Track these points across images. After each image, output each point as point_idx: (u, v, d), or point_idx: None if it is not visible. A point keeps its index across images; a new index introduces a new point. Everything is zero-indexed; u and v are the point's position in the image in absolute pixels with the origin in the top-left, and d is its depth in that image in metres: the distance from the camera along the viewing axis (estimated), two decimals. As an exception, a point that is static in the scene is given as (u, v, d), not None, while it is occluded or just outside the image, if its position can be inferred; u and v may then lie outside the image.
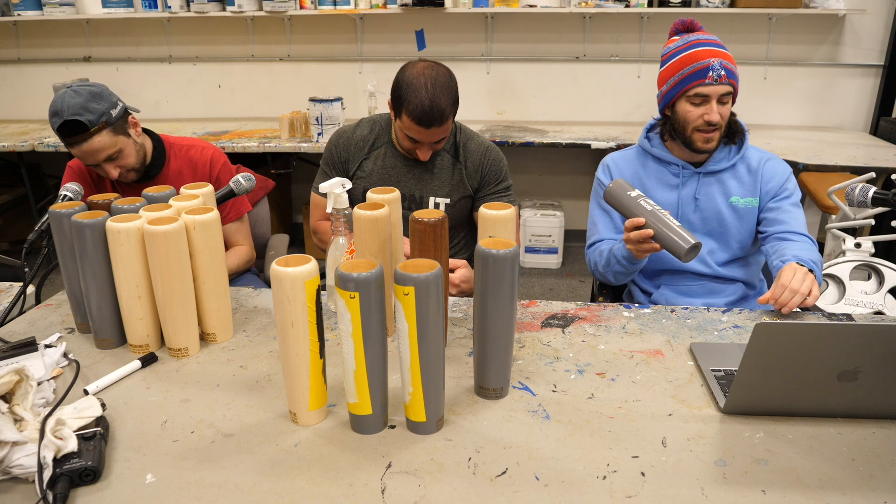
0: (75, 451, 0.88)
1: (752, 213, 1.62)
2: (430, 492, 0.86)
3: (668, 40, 1.61)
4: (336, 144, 1.80)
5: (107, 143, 1.60)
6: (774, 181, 1.61)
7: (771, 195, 1.61)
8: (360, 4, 3.61)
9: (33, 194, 3.68)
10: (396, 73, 1.61)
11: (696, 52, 1.51)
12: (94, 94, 1.59)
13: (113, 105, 1.62)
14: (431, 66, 1.59)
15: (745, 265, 1.68)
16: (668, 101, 1.58)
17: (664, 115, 1.63)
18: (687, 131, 1.56)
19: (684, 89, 1.52)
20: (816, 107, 3.75)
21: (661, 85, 1.59)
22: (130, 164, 1.69)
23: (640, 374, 1.14)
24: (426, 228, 1.09)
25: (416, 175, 1.76)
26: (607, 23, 3.72)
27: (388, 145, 1.77)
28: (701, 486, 0.87)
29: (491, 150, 1.79)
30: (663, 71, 1.58)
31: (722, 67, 1.50)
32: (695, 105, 1.53)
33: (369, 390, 0.95)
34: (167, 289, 1.14)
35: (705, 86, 1.50)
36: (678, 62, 1.54)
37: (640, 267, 1.56)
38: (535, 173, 4.08)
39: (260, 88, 4.03)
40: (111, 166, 1.65)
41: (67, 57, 4.05)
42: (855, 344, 0.92)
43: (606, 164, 1.72)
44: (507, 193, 1.80)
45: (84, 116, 1.55)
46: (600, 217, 1.70)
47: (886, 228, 2.29)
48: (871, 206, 1.76)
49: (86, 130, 1.56)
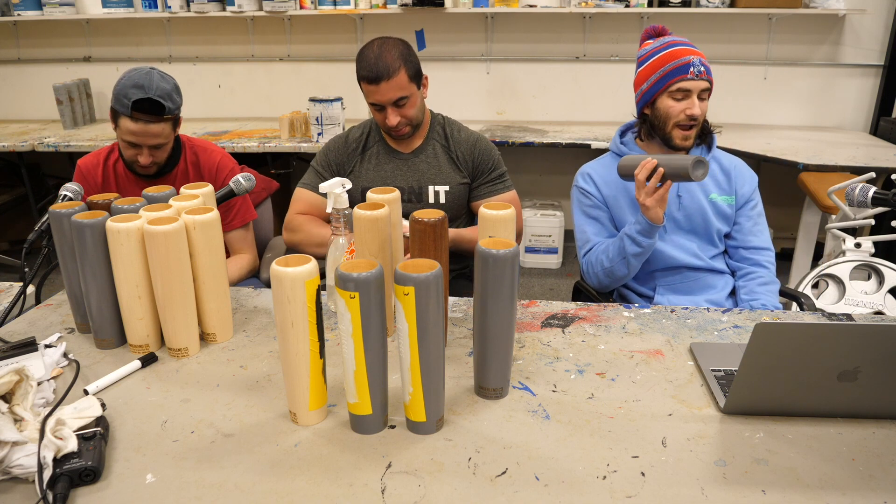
0: (75, 451, 0.88)
1: (730, 211, 1.68)
2: (430, 492, 0.86)
3: (642, 44, 1.67)
4: (331, 148, 1.84)
5: (165, 133, 1.70)
6: (747, 186, 1.70)
7: (745, 199, 1.69)
8: (360, 4, 3.61)
9: (33, 194, 3.68)
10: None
11: (676, 50, 1.58)
12: (177, 86, 1.72)
13: (181, 104, 1.74)
14: (384, 37, 1.67)
15: (725, 257, 1.74)
16: (648, 98, 1.62)
17: (642, 115, 1.67)
18: (667, 127, 1.60)
19: (667, 85, 1.57)
20: (816, 107, 3.75)
21: (641, 84, 1.64)
22: (161, 159, 1.77)
23: (640, 374, 1.14)
24: (426, 228, 1.09)
25: (410, 167, 1.78)
26: (607, 23, 3.72)
27: (379, 143, 1.81)
28: (701, 486, 0.87)
29: (481, 140, 1.82)
30: (642, 70, 1.63)
31: (701, 64, 1.57)
32: (676, 100, 1.58)
33: (369, 390, 0.95)
34: (167, 289, 1.14)
35: (687, 80, 1.56)
36: (658, 60, 1.59)
37: (655, 243, 1.57)
38: (535, 173, 4.08)
39: (260, 88, 4.04)
40: (149, 153, 1.71)
41: (67, 57, 4.05)
42: (855, 344, 0.92)
43: (586, 172, 1.74)
44: (502, 180, 1.82)
45: (167, 103, 1.65)
46: (589, 224, 1.72)
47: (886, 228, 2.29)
48: (871, 206, 1.76)
49: (161, 115, 1.65)
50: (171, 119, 1.70)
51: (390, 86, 1.63)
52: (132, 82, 1.63)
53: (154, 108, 1.63)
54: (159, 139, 1.69)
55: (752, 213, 1.69)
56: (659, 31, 1.66)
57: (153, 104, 1.63)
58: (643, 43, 1.67)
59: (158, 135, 1.68)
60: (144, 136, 1.67)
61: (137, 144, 1.69)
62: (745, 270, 1.68)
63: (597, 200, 1.71)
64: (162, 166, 1.78)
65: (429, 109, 1.83)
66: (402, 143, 1.80)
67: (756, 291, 1.63)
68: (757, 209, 1.70)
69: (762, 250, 1.68)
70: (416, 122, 1.73)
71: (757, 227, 1.69)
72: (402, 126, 1.71)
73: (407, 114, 1.69)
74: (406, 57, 1.65)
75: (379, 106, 1.68)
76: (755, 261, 1.68)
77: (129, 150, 1.71)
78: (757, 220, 1.70)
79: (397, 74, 1.62)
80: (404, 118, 1.69)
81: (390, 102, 1.66)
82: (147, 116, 1.64)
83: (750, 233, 1.68)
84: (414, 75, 1.67)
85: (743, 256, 1.69)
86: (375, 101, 1.67)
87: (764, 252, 1.68)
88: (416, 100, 1.70)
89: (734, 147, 3.08)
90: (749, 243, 1.68)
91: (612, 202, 1.70)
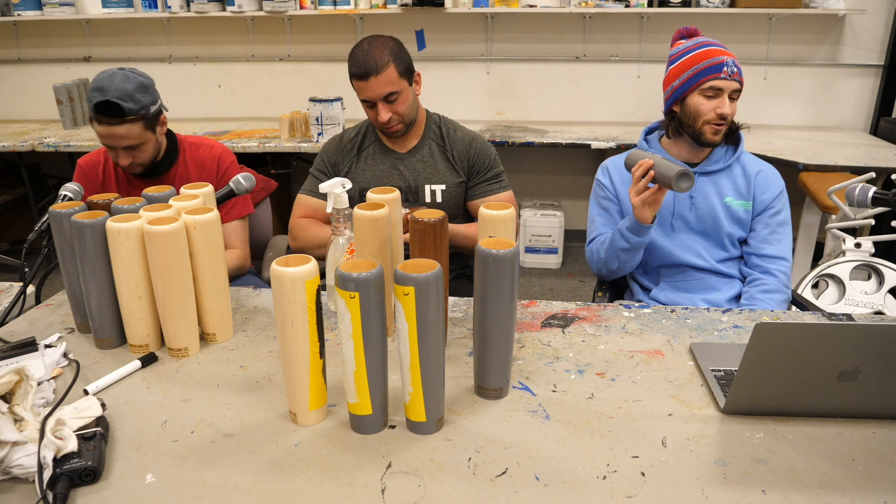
0: (75, 451, 0.88)
1: (746, 216, 1.66)
2: (430, 492, 0.86)
3: (675, 43, 1.66)
4: (327, 151, 1.84)
5: (134, 133, 1.66)
6: (769, 193, 1.66)
7: (765, 205, 1.65)
8: (360, 4, 3.61)
9: (33, 194, 3.68)
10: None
11: (709, 49, 1.57)
12: (143, 85, 1.65)
13: (154, 101, 1.69)
14: (375, 35, 1.68)
15: (740, 263, 1.71)
16: (679, 95, 1.61)
17: (671, 113, 1.66)
18: (697, 124, 1.59)
19: (699, 82, 1.56)
20: (816, 107, 3.75)
21: (672, 81, 1.62)
22: (143, 160, 1.73)
23: (640, 374, 1.14)
24: (426, 228, 1.09)
25: (407, 166, 1.78)
26: (607, 23, 3.72)
27: (375, 143, 1.81)
28: (701, 486, 0.87)
29: (477, 139, 1.81)
30: (674, 68, 1.62)
31: (734, 65, 1.56)
32: (708, 98, 1.57)
33: (369, 390, 0.95)
34: (167, 289, 1.14)
35: (720, 79, 1.55)
36: (692, 58, 1.58)
37: (645, 241, 1.57)
38: (535, 173, 4.08)
39: (260, 88, 4.03)
40: (126, 155, 1.69)
41: (67, 57, 4.05)
42: (855, 344, 0.92)
43: (606, 166, 1.76)
44: (498, 180, 1.82)
45: (126, 104, 1.61)
46: (599, 215, 1.74)
47: (886, 228, 2.29)
48: (871, 206, 1.76)
49: (121, 116, 1.61)
50: (136, 119, 1.64)
51: (379, 81, 1.63)
52: (95, 85, 1.61)
53: (113, 109, 1.60)
54: (129, 140, 1.65)
55: (771, 220, 1.65)
56: (692, 31, 1.65)
57: (112, 106, 1.59)
58: (675, 42, 1.66)
59: (126, 136, 1.64)
60: (112, 139, 1.64)
61: (111, 146, 1.67)
62: (753, 277, 1.65)
63: (609, 193, 1.73)
64: (156, 165, 1.77)
65: (424, 108, 1.83)
66: (397, 143, 1.80)
67: (756, 297, 1.60)
68: (778, 218, 1.65)
69: (776, 259, 1.63)
70: (408, 120, 1.72)
71: (774, 237, 1.64)
72: (394, 123, 1.70)
73: (398, 110, 1.68)
74: (396, 53, 1.65)
75: (370, 102, 1.68)
76: (765, 269, 1.64)
77: (109, 152, 1.71)
78: (776, 228, 1.65)
79: (386, 69, 1.62)
80: (396, 114, 1.69)
81: (380, 98, 1.65)
82: (108, 119, 1.61)
83: (765, 241, 1.65)
84: (404, 71, 1.67)
85: (755, 263, 1.66)
86: (366, 97, 1.67)
87: (777, 261, 1.63)
88: (407, 96, 1.69)
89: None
90: (762, 251, 1.64)
91: (624, 197, 1.71)
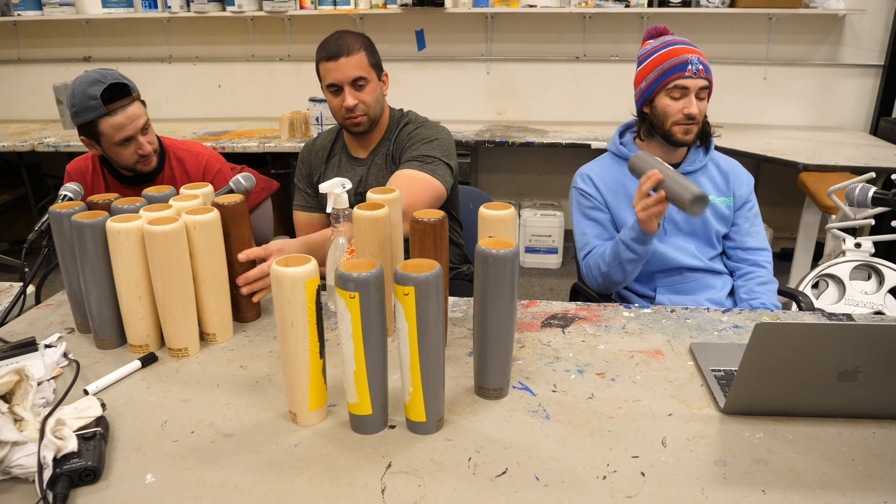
0: (75, 451, 0.88)
1: (728, 212, 1.69)
2: (430, 492, 0.86)
3: (643, 44, 1.67)
4: (301, 160, 1.85)
5: (142, 111, 1.70)
6: (745, 188, 1.70)
7: (742, 200, 1.70)
8: (360, 4, 3.61)
9: (33, 194, 3.68)
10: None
11: (674, 48, 1.58)
12: (120, 74, 1.71)
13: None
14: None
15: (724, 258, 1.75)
16: (647, 96, 1.62)
17: (641, 114, 1.67)
18: (666, 125, 1.60)
19: (665, 83, 1.57)
20: (816, 107, 3.75)
21: (640, 82, 1.64)
22: (156, 143, 1.76)
23: (640, 374, 1.14)
24: (426, 228, 1.09)
25: (361, 174, 1.76)
26: (607, 23, 3.72)
27: (342, 152, 1.81)
28: (701, 486, 0.87)
29: (421, 128, 1.73)
30: (641, 69, 1.64)
31: (700, 62, 1.56)
32: (674, 99, 1.57)
33: (369, 390, 0.95)
34: (167, 289, 1.14)
35: (685, 78, 1.55)
36: (657, 58, 1.59)
37: (650, 250, 1.56)
38: (535, 173, 4.08)
39: (260, 88, 4.04)
40: (144, 139, 1.70)
41: (67, 57, 4.05)
42: (855, 344, 0.92)
43: (585, 173, 1.73)
44: (418, 159, 1.64)
45: (126, 81, 1.66)
46: (589, 227, 1.71)
47: (886, 228, 2.29)
48: (871, 206, 1.76)
49: (129, 94, 1.66)
50: (138, 98, 1.69)
51: (349, 62, 1.61)
52: (89, 81, 1.62)
53: (121, 90, 1.64)
54: (143, 118, 1.68)
55: (749, 213, 1.70)
56: (661, 31, 1.66)
57: (117, 87, 1.63)
58: (644, 42, 1.68)
59: (140, 114, 1.67)
60: (130, 121, 1.65)
61: (130, 137, 1.65)
62: (744, 270, 1.69)
63: (596, 202, 1.70)
64: (154, 167, 1.76)
65: (389, 107, 1.79)
66: (359, 148, 1.77)
67: (755, 291, 1.64)
68: (753, 210, 1.71)
69: (760, 251, 1.69)
70: (373, 114, 1.69)
71: (754, 229, 1.70)
72: (359, 113, 1.66)
73: (364, 99, 1.65)
74: (367, 45, 1.66)
75: (336, 87, 1.64)
76: (753, 261, 1.68)
77: (127, 150, 1.67)
78: (753, 220, 1.71)
79: (357, 53, 1.62)
80: (362, 103, 1.65)
81: (348, 80, 1.62)
82: (120, 102, 1.63)
83: (747, 234, 1.69)
84: (374, 63, 1.67)
85: (741, 257, 1.70)
86: (334, 78, 1.63)
87: (761, 252, 1.69)
88: (374, 87, 1.67)
89: (734, 147, 3.08)
90: (746, 244, 1.69)
91: (613, 203, 1.69)
